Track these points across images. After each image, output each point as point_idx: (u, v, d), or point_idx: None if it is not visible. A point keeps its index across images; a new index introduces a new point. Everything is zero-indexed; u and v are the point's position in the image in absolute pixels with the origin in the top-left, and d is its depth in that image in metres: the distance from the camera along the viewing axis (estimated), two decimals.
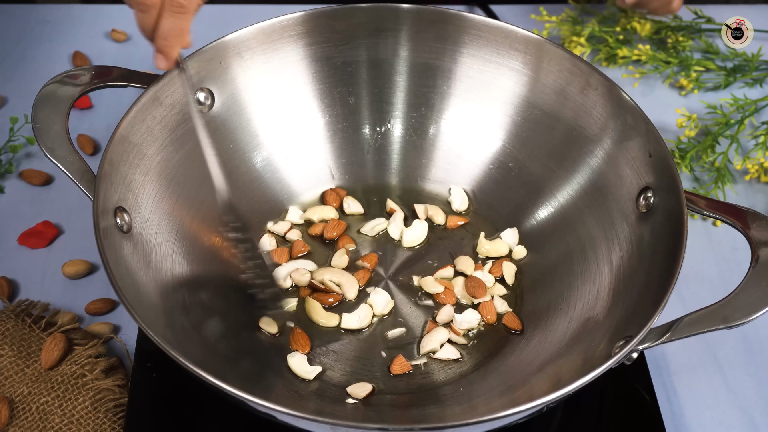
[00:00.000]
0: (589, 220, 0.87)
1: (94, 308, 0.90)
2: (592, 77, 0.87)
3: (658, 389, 0.85)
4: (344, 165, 0.96)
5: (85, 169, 0.78)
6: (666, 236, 0.77)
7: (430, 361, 0.82)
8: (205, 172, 0.88)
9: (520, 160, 0.93)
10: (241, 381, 0.76)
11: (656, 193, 0.81)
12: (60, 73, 0.84)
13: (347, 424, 0.66)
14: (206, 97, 0.89)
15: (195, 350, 0.76)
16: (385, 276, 0.89)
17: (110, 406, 0.82)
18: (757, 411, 0.85)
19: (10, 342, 0.85)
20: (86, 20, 1.21)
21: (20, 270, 0.93)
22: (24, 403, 0.82)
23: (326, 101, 0.95)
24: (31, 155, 1.04)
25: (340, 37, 0.93)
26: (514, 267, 0.89)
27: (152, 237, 0.81)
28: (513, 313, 0.86)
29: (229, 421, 0.80)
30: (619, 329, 0.74)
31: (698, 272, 0.95)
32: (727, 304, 0.71)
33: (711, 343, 0.89)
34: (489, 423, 0.67)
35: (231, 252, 0.83)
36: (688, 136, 1.06)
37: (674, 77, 1.15)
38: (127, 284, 0.73)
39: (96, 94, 0.93)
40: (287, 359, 0.81)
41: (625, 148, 0.84)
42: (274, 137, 0.93)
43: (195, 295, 0.83)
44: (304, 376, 0.80)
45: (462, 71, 0.93)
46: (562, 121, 0.90)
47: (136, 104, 0.82)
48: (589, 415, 0.83)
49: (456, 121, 0.95)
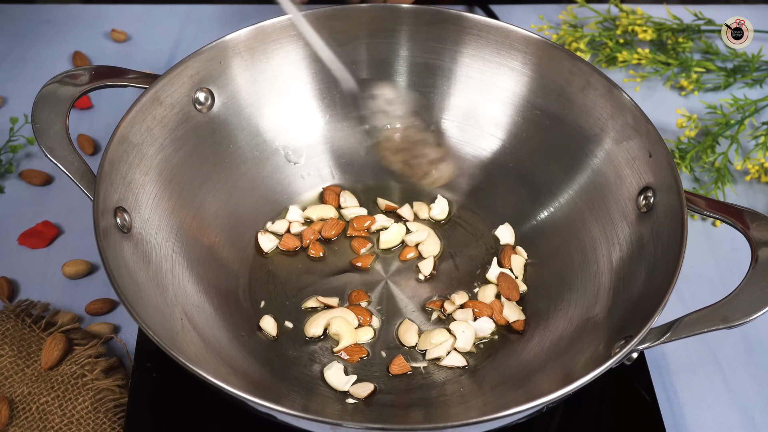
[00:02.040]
0: (589, 220, 0.87)
1: (94, 308, 0.90)
2: (592, 77, 0.87)
3: (658, 389, 0.85)
4: (344, 165, 0.96)
5: (85, 169, 0.78)
6: (666, 236, 0.77)
7: (430, 362, 0.82)
8: (206, 172, 0.88)
9: (520, 160, 0.93)
10: (241, 381, 0.76)
11: (656, 193, 0.81)
12: (60, 73, 0.84)
13: (348, 424, 0.66)
14: (206, 97, 0.89)
15: (195, 350, 0.76)
16: (385, 276, 0.89)
17: (110, 406, 0.82)
18: (757, 411, 0.85)
19: (10, 342, 0.85)
20: (86, 20, 1.21)
21: (20, 270, 0.93)
22: (24, 403, 0.82)
23: (326, 101, 0.95)
24: (31, 155, 1.04)
25: (340, 37, 0.93)
26: (523, 259, 0.89)
27: (152, 237, 0.81)
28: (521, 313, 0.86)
29: (229, 421, 0.80)
30: (619, 329, 0.74)
31: (698, 272, 0.95)
32: (727, 304, 0.71)
33: (711, 343, 0.89)
34: (489, 423, 0.67)
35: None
36: (688, 136, 1.06)
37: (674, 78, 1.15)
38: (127, 284, 0.73)
39: (96, 94, 0.93)
40: (324, 373, 0.80)
41: (625, 147, 0.84)
42: (274, 137, 0.93)
43: (195, 295, 0.83)
44: (340, 388, 0.79)
45: (462, 71, 0.94)
46: (562, 121, 0.90)
47: (136, 104, 0.82)
48: (589, 415, 0.83)
49: (456, 121, 0.95)
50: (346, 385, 0.79)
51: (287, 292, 0.87)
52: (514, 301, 0.86)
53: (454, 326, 0.84)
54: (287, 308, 0.86)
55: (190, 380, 0.68)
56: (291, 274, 0.88)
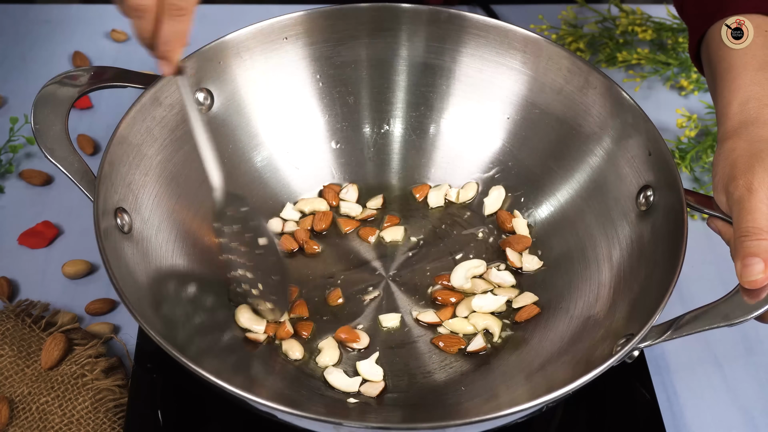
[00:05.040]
0: (589, 219, 0.87)
1: (94, 308, 0.90)
2: (591, 76, 0.87)
3: (658, 388, 0.85)
4: (344, 165, 0.96)
5: (85, 170, 0.78)
6: (666, 234, 0.77)
7: (430, 362, 0.82)
8: (206, 173, 0.88)
9: (520, 159, 0.93)
10: (242, 380, 0.76)
11: (656, 191, 0.81)
12: (60, 74, 0.84)
13: (349, 423, 0.66)
14: (206, 97, 0.89)
15: (195, 350, 0.76)
16: (386, 276, 0.89)
17: (110, 406, 0.82)
18: (757, 411, 0.85)
19: (10, 342, 0.85)
20: (86, 20, 1.21)
21: (20, 270, 0.93)
22: (24, 403, 0.82)
23: (326, 101, 0.95)
24: (31, 155, 1.04)
25: (339, 37, 0.93)
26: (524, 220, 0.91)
27: (152, 237, 0.81)
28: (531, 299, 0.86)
29: (229, 421, 0.80)
30: (619, 327, 0.74)
31: (698, 272, 0.95)
32: (728, 302, 0.71)
33: (711, 343, 0.89)
34: (489, 422, 0.67)
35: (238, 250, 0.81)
36: (688, 136, 1.06)
37: (674, 78, 1.15)
38: (128, 285, 0.73)
39: (96, 94, 0.93)
40: (326, 377, 0.80)
41: (624, 146, 0.84)
42: (274, 137, 0.93)
43: (195, 295, 0.83)
44: (347, 390, 0.79)
45: (462, 71, 0.94)
46: (562, 120, 0.90)
47: (136, 105, 0.83)
48: (589, 415, 0.83)
49: (456, 121, 0.95)
50: (352, 387, 0.79)
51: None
52: (526, 247, 0.89)
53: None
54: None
55: (190, 380, 0.68)
56: (291, 274, 0.88)
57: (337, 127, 0.96)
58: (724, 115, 0.78)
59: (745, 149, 0.74)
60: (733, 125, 0.76)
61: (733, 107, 0.77)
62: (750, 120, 0.76)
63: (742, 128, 0.76)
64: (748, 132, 0.75)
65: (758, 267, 0.69)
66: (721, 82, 0.79)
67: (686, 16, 0.89)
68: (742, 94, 0.77)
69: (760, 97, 0.77)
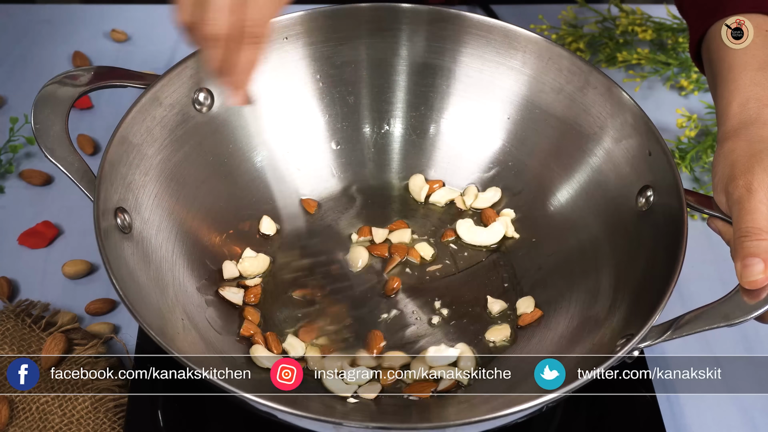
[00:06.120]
0: (588, 219, 0.87)
1: (94, 308, 0.90)
2: (592, 76, 0.87)
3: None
4: (344, 164, 0.96)
5: (85, 170, 0.78)
6: (666, 234, 0.77)
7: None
8: (206, 172, 0.88)
9: (520, 159, 0.93)
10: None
11: (656, 192, 0.81)
12: (60, 74, 0.84)
13: (349, 423, 0.66)
14: (206, 97, 0.89)
15: (195, 350, 0.76)
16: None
17: (110, 406, 0.82)
18: (757, 411, 0.85)
19: (10, 342, 0.85)
20: (86, 20, 1.21)
21: (20, 270, 0.93)
22: (24, 403, 0.82)
23: (326, 101, 0.95)
24: (31, 155, 1.04)
25: (339, 37, 0.93)
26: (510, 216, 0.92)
27: (152, 237, 0.81)
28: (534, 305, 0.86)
29: (229, 421, 0.80)
30: (619, 327, 0.74)
31: (698, 272, 0.95)
32: (728, 302, 0.71)
33: (711, 343, 0.89)
34: (489, 422, 0.67)
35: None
36: (689, 136, 1.06)
37: (674, 78, 1.15)
38: (128, 285, 0.73)
39: (96, 94, 0.93)
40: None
41: (624, 146, 0.84)
42: (274, 137, 0.93)
43: (196, 295, 0.83)
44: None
45: (462, 70, 0.94)
46: (562, 120, 0.90)
47: (136, 104, 0.82)
48: (589, 415, 0.83)
49: (456, 121, 0.95)
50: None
51: (288, 292, 0.87)
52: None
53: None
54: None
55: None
56: (290, 273, 0.88)
57: (337, 127, 0.96)
58: (724, 115, 0.78)
59: (744, 149, 0.74)
60: (733, 125, 0.76)
61: (733, 107, 0.77)
62: (750, 120, 0.76)
63: (742, 128, 0.76)
64: (748, 132, 0.75)
65: (758, 267, 0.69)
66: (721, 82, 0.79)
67: (686, 15, 0.89)
68: (742, 94, 0.77)
69: (760, 97, 0.77)
